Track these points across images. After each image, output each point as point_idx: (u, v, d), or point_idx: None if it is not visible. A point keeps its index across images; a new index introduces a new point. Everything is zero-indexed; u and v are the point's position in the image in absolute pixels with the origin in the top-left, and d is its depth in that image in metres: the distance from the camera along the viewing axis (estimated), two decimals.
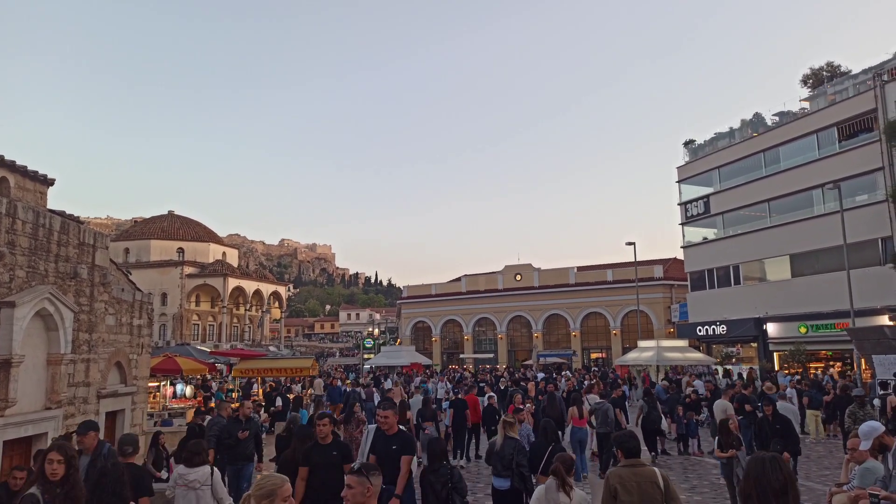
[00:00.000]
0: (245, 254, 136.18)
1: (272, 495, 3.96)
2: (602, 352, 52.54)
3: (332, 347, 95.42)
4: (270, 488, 4.00)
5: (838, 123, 31.48)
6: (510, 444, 8.06)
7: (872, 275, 27.81)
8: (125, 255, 54.58)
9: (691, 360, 32.82)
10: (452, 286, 61.61)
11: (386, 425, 7.23)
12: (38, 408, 10.22)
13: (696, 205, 40.28)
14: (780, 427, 9.31)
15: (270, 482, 4.06)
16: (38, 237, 10.34)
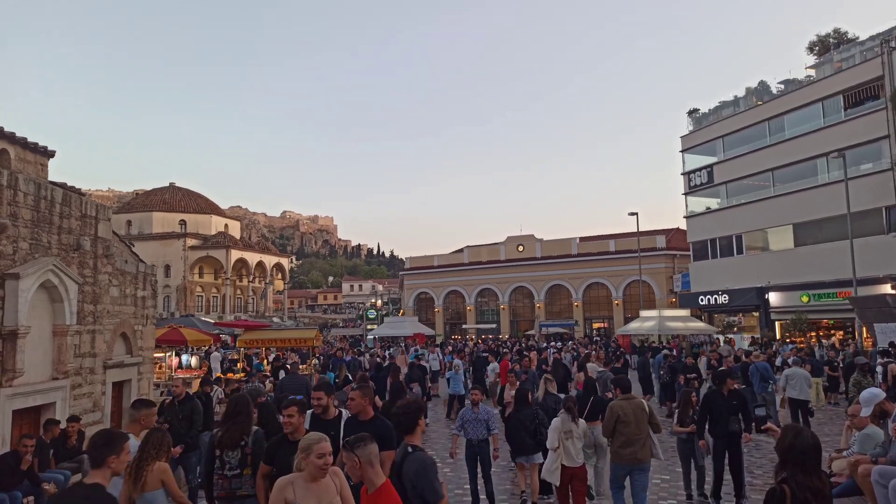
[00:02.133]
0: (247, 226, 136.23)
1: (308, 450, 4.11)
2: (604, 322, 52.77)
3: (336, 318, 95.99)
4: (307, 443, 4.18)
5: (844, 91, 31.12)
6: (552, 398, 9.77)
7: (875, 244, 27.76)
8: (127, 227, 54.63)
9: (693, 330, 32.98)
10: (455, 257, 61.66)
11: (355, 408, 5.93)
12: (45, 378, 10.32)
13: (699, 174, 40.06)
14: (737, 403, 8.87)
15: (308, 438, 4.23)
16: (41, 209, 10.33)
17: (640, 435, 7.58)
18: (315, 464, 4.10)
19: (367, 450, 3.96)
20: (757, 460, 12.04)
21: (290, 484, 4.12)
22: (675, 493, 9.73)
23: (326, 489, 4.17)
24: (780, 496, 3.47)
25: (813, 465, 3.56)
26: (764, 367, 15.21)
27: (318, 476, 4.15)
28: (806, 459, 3.54)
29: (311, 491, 4.11)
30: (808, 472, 3.52)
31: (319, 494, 4.11)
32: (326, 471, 4.20)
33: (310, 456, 4.11)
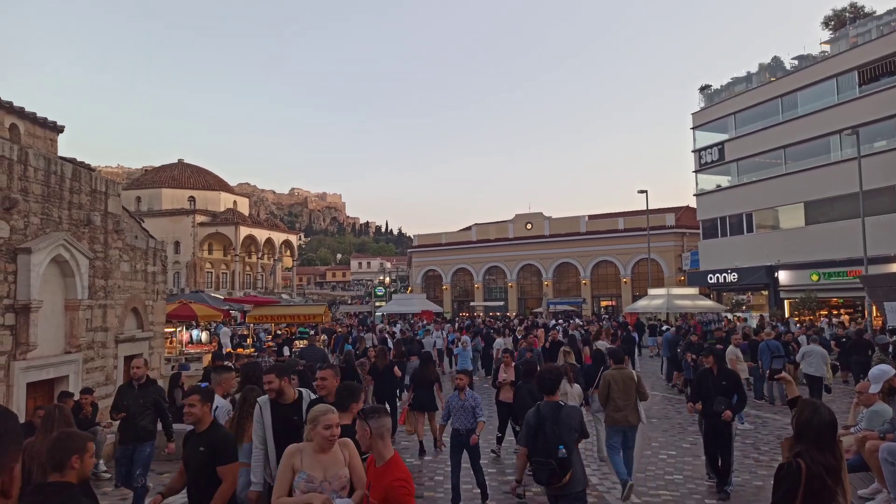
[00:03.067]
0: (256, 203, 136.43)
1: (315, 421, 4.15)
2: (612, 300, 52.74)
3: (344, 295, 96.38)
4: (314, 414, 4.23)
5: (859, 67, 30.62)
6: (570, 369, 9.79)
7: (887, 222, 27.50)
8: (137, 203, 54.84)
9: (701, 308, 32.89)
10: (463, 235, 61.59)
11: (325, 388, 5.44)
12: (58, 352, 10.45)
13: (710, 152, 39.68)
14: (727, 384, 8.64)
15: (316, 409, 4.28)
16: (51, 184, 10.37)
17: (630, 401, 8.49)
18: (322, 435, 4.13)
19: (381, 422, 3.95)
20: (764, 437, 12.08)
21: (298, 452, 4.17)
22: (682, 468, 9.80)
23: (334, 460, 4.21)
24: (795, 470, 3.48)
25: (828, 442, 3.58)
26: (775, 345, 15.19)
27: (325, 447, 4.18)
28: (822, 436, 3.56)
29: (319, 461, 4.15)
30: (822, 449, 3.53)
31: (326, 465, 4.15)
32: (333, 442, 4.22)
33: (317, 427, 4.15)
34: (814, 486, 3.43)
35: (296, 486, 4.10)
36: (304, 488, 4.05)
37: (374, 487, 3.92)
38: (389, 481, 3.76)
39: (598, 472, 9.60)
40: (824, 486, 3.44)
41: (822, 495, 3.44)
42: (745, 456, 10.47)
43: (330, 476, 4.13)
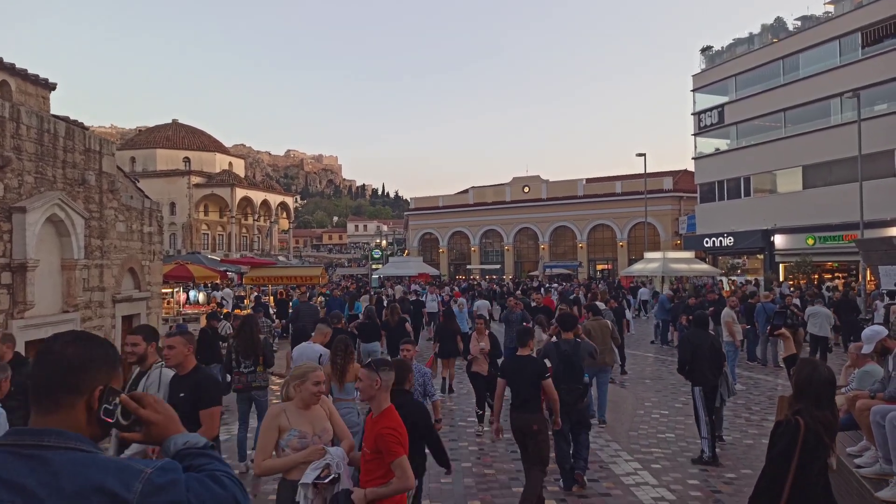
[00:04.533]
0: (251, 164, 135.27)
1: (303, 377, 4.21)
2: (608, 263, 52.93)
3: (341, 258, 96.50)
4: (302, 371, 4.28)
5: (863, 28, 30.18)
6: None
7: (884, 186, 27.46)
8: (131, 163, 54.31)
9: (696, 272, 33.06)
10: (460, 198, 61.41)
11: (174, 357, 4.94)
12: (55, 311, 10.47)
13: (709, 115, 39.37)
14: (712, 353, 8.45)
15: (304, 366, 4.34)
16: (44, 143, 10.26)
17: (605, 346, 9.99)
18: (311, 390, 4.20)
19: (389, 375, 4.19)
20: (755, 397, 12.27)
21: (282, 412, 4.19)
22: (674, 427, 9.97)
23: (318, 415, 4.29)
24: (794, 427, 3.54)
25: (827, 400, 3.65)
26: (771, 308, 15.35)
27: (311, 403, 4.26)
28: (821, 393, 3.62)
29: (305, 417, 4.21)
30: (821, 406, 3.60)
31: (312, 420, 4.23)
32: (320, 397, 4.32)
33: (305, 383, 4.20)
34: (810, 443, 3.50)
35: (286, 445, 4.11)
36: (298, 445, 4.09)
37: (368, 436, 4.03)
38: (380, 429, 3.96)
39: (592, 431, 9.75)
40: (820, 443, 3.51)
41: (817, 452, 3.51)
42: (736, 416, 10.64)
43: (319, 430, 4.20)
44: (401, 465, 3.89)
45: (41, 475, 1.51)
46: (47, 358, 1.67)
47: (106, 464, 1.57)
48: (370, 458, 4.00)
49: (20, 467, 1.52)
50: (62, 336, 1.74)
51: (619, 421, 10.45)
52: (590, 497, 7.07)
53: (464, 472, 7.96)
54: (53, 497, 1.48)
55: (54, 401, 1.63)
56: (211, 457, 1.75)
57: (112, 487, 1.50)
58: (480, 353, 10.06)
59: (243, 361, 8.25)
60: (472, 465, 8.20)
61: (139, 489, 1.51)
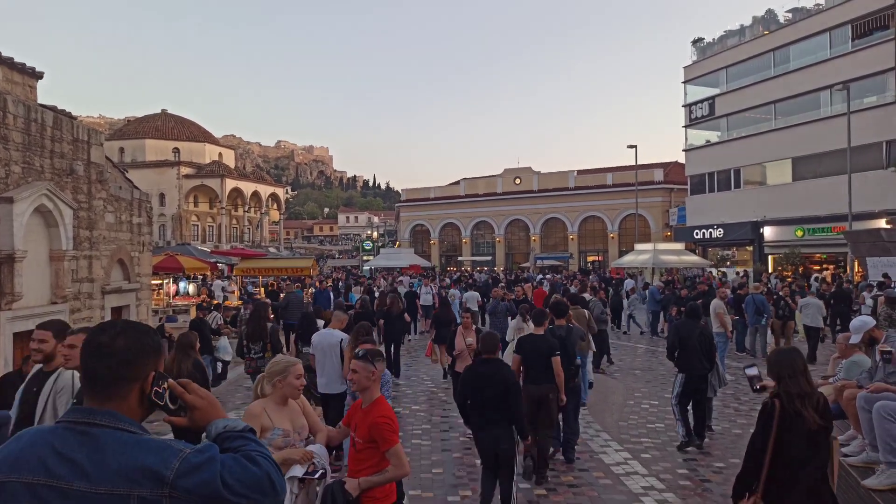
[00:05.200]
0: (241, 155, 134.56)
1: (284, 372, 4.14)
2: (599, 255, 53.06)
3: (332, 250, 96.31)
4: (282, 366, 4.20)
5: (853, 21, 30.30)
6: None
7: (873, 178, 27.66)
8: (120, 154, 53.83)
9: (686, 263, 33.24)
10: (451, 189, 61.35)
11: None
12: (44, 302, 10.40)
13: (700, 106, 39.46)
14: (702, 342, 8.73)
15: (284, 360, 4.26)
16: (31, 132, 10.15)
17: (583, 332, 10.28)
18: (293, 385, 4.13)
19: (382, 366, 4.25)
20: (744, 387, 12.33)
21: (262, 410, 4.06)
22: (663, 417, 10.03)
23: (295, 411, 4.22)
24: (770, 409, 3.76)
25: (798, 371, 3.79)
26: (761, 300, 15.48)
27: (293, 397, 4.19)
28: (791, 368, 3.80)
29: (284, 414, 4.12)
30: (794, 377, 3.77)
31: (291, 417, 4.15)
32: (300, 392, 4.26)
33: (287, 377, 4.11)
34: (787, 420, 3.68)
35: (268, 444, 3.94)
36: (282, 444, 4.00)
37: (359, 427, 4.03)
38: (374, 418, 3.97)
39: (581, 420, 9.80)
40: (798, 416, 3.67)
41: (795, 424, 3.67)
42: (725, 405, 10.73)
43: (297, 427, 4.13)
44: (396, 453, 3.90)
45: (90, 451, 1.66)
46: (100, 352, 1.78)
47: (149, 444, 1.71)
48: (362, 447, 4.00)
49: (73, 442, 1.68)
50: (108, 328, 1.84)
51: (609, 411, 10.52)
52: (580, 486, 7.12)
53: (454, 462, 7.99)
54: (98, 471, 1.64)
55: (110, 392, 1.77)
56: (248, 439, 1.85)
57: (152, 465, 1.64)
58: (467, 348, 9.28)
59: (253, 347, 8.94)
60: (462, 456, 8.23)
61: (176, 467, 1.65)
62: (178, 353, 6.91)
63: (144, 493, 1.63)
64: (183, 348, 6.93)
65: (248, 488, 1.70)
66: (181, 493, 1.63)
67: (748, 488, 3.81)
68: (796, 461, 3.68)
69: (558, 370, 7.14)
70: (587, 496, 6.84)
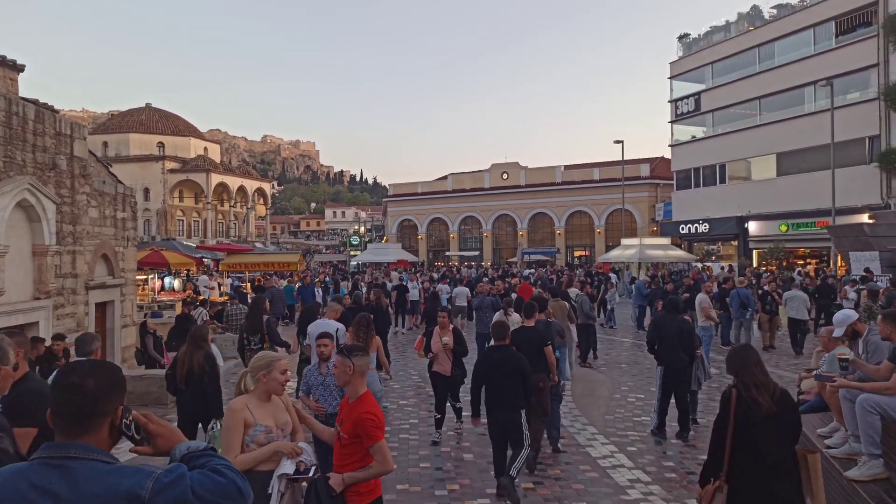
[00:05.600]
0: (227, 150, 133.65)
1: (269, 367, 4.10)
2: (585, 250, 53.26)
3: (319, 245, 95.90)
4: (269, 360, 4.14)
5: (837, 17, 30.55)
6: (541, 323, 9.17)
7: (857, 174, 27.95)
8: (104, 148, 53.25)
9: (672, 258, 33.46)
10: (438, 184, 61.28)
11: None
12: (27, 298, 10.29)
13: (686, 102, 39.64)
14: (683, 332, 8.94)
15: (269, 356, 4.21)
16: (13, 126, 10.01)
17: (563, 323, 10.56)
18: (279, 380, 4.09)
19: (363, 360, 4.16)
20: (729, 381, 12.46)
21: (244, 406, 4.00)
22: (649, 410, 10.09)
23: (278, 407, 4.17)
24: (728, 397, 4.14)
25: (751, 363, 4.14)
26: (745, 294, 15.62)
27: (278, 393, 4.14)
28: (744, 361, 4.16)
29: (267, 410, 4.07)
30: (747, 369, 4.11)
31: (274, 413, 4.10)
32: (284, 388, 4.22)
33: (272, 373, 4.06)
34: (745, 407, 4.01)
35: (251, 440, 3.96)
36: (265, 440, 3.96)
37: (345, 422, 4.01)
38: (359, 413, 3.93)
39: (568, 414, 9.85)
40: (755, 403, 3.99)
41: (752, 411, 3.99)
42: (710, 399, 10.81)
43: (281, 423, 4.09)
44: (380, 449, 3.88)
45: (69, 482, 1.80)
46: (71, 391, 1.91)
47: (123, 470, 1.88)
48: (347, 442, 3.99)
49: (51, 476, 1.82)
50: (77, 369, 1.99)
51: (596, 405, 10.58)
52: (566, 479, 7.15)
53: (442, 456, 8.00)
54: (78, 499, 1.78)
55: (83, 427, 1.91)
56: (210, 456, 2.03)
57: (128, 488, 1.81)
58: (443, 349, 8.73)
59: (251, 339, 9.31)
60: (450, 450, 8.24)
61: (150, 487, 1.82)
62: (191, 346, 6.91)
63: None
64: (196, 341, 6.95)
65: (218, 496, 1.88)
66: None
67: (714, 474, 4.07)
68: (755, 445, 3.95)
69: (550, 358, 7.61)
70: (574, 489, 6.88)
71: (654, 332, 8.94)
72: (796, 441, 4.17)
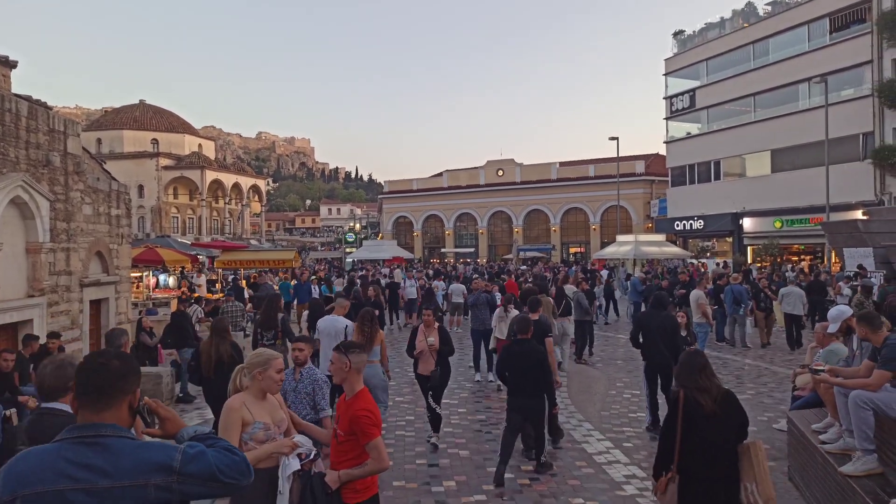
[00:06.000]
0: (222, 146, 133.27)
1: (266, 365, 4.08)
2: (581, 246, 53.31)
3: (314, 242, 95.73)
4: (266, 358, 4.13)
5: (831, 14, 30.62)
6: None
7: (850, 170, 28.04)
8: (97, 145, 52.99)
9: (667, 254, 33.54)
10: (434, 181, 61.22)
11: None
12: (21, 295, 10.24)
13: (681, 99, 39.70)
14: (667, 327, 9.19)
15: (266, 353, 4.20)
16: (5, 122, 9.95)
17: (549, 319, 10.43)
18: (274, 378, 4.08)
19: (360, 357, 4.14)
20: (724, 377, 12.50)
21: (242, 404, 3.98)
22: (645, 407, 10.11)
23: (273, 405, 4.16)
24: (675, 397, 4.58)
25: (695, 370, 4.54)
26: (739, 290, 15.66)
27: (273, 391, 4.14)
28: (689, 367, 4.58)
29: (264, 408, 4.06)
30: (692, 375, 4.53)
31: (270, 411, 4.09)
32: (280, 386, 4.21)
33: (268, 370, 4.05)
34: (690, 407, 4.43)
35: (249, 438, 3.95)
36: (263, 437, 3.96)
37: (341, 419, 4.00)
38: (355, 410, 3.93)
39: (564, 410, 9.87)
40: (698, 405, 4.41)
41: (696, 410, 4.41)
42: None
43: (277, 421, 4.08)
44: (376, 446, 3.87)
45: (105, 457, 2.03)
46: (98, 369, 2.17)
47: (151, 445, 2.13)
48: (343, 439, 3.98)
49: (88, 452, 2.04)
50: (103, 353, 2.28)
51: (592, 401, 10.60)
52: (562, 475, 7.17)
53: (439, 453, 8.01)
54: (116, 470, 2.02)
55: (107, 403, 2.14)
56: (217, 438, 2.29)
57: (160, 460, 2.06)
58: (428, 349, 8.25)
59: (265, 334, 9.47)
60: (447, 447, 8.25)
61: (179, 458, 2.07)
62: (215, 338, 7.56)
63: (158, 482, 2.03)
64: (219, 333, 7.60)
65: (234, 471, 2.16)
66: (186, 478, 2.07)
67: (665, 467, 4.49)
68: (702, 439, 4.37)
69: (550, 348, 8.12)
70: (569, 485, 6.89)
71: (637, 328, 9.15)
72: (743, 436, 4.50)
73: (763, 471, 4.39)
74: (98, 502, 2.00)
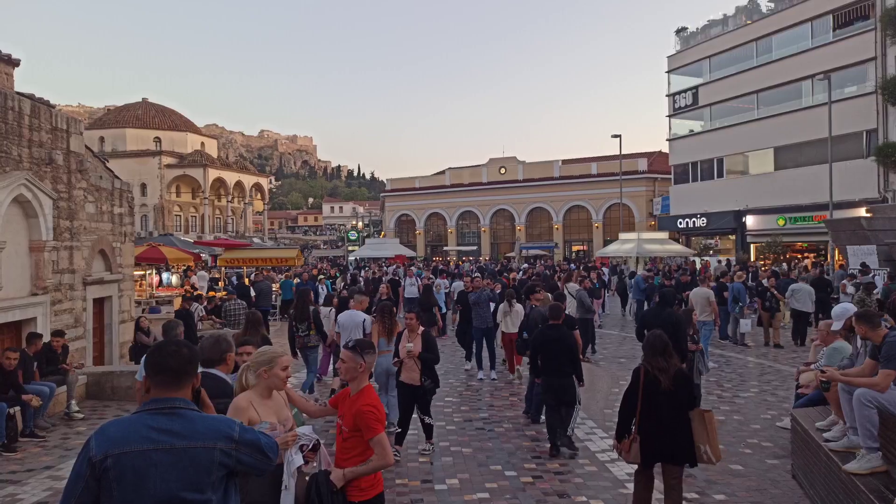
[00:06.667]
0: (224, 145, 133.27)
1: (271, 363, 4.07)
2: (583, 244, 53.26)
3: (317, 240, 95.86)
4: (271, 355, 4.12)
5: (834, 11, 30.51)
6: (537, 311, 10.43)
7: (854, 167, 27.96)
8: (100, 143, 53.08)
9: (670, 252, 33.48)
10: (436, 179, 61.20)
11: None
12: (24, 294, 10.26)
13: (684, 96, 39.58)
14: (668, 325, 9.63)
15: (271, 351, 4.19)
16: (8, 120, 9.96)
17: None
18: (280, 376, 4.06)
19: (373, 357, 4.26)
20: (727, 374, 12.52)
21: (249, 403, 3.95)
22: None
23: (279, 403, 4.15)
24: (636, 372, 5.44)
25: (656, 351, 5.35)
26: (737, 287, 15.64)
27: (279, 388, 4.13)
28: (651, 347, 5.39)
29: (270, 407, 4.04)
30: (654, 354, 5.35)
31: (276, 409, 4.07)
32: (285, 384, 4.20)
33: (274, 368, 4.03)
34: (650, 380, 5.28)
35: None
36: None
37: (346, 415, 4.01)
38: (360, 406, 3.95)
39: None
40: (657, 381, 5.26)
41: (654, 385, 5.28)
42: (708, 392, 10.83)
43: (282, 419, 4.05)
44: (380, 441, 3.87)
45: (181, 423, 2.47)
46: (173, 354, 2.61)
47: (216, 417, 2.73)
48: (348, 436, 3.98)
49: (166, 420, 2.47)
50: (173, 342, 2.73)
51: (594, 399, 10.58)
52: (565, 473, 7.16)
53: (441, 451, 8.00)
54: (191, 434, 2.45)
55: (179, 383, 2.58)
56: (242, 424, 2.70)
57: (224, 429, 2.53)
58: (408, 356, 7.67)
59: (299, 326, 10.47)
60: (449, 445, 8.25)
61: (237, 429, 2.56)
62: (250, 329, 7.89)
63: (223, 447, 2.48)
64: (253, 325, 8.01)
65: (269, 451, 2.64)
66: (243, 447, 2.53)
67: (626, 429, 5.41)
68: (659, 408, 5.24)
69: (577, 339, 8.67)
70: (573, 483, 6.89)
71: (642, 325, 9.57)
72: (692, 406, 5.37)
73: (713, 434, 5.32)
74: (176, 460, 2.39)
